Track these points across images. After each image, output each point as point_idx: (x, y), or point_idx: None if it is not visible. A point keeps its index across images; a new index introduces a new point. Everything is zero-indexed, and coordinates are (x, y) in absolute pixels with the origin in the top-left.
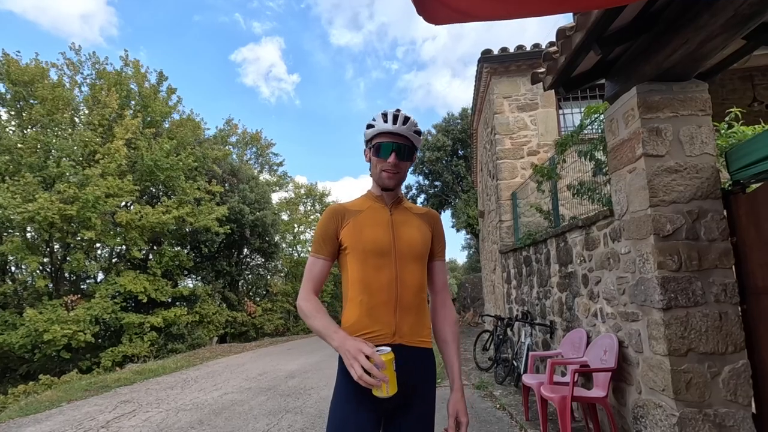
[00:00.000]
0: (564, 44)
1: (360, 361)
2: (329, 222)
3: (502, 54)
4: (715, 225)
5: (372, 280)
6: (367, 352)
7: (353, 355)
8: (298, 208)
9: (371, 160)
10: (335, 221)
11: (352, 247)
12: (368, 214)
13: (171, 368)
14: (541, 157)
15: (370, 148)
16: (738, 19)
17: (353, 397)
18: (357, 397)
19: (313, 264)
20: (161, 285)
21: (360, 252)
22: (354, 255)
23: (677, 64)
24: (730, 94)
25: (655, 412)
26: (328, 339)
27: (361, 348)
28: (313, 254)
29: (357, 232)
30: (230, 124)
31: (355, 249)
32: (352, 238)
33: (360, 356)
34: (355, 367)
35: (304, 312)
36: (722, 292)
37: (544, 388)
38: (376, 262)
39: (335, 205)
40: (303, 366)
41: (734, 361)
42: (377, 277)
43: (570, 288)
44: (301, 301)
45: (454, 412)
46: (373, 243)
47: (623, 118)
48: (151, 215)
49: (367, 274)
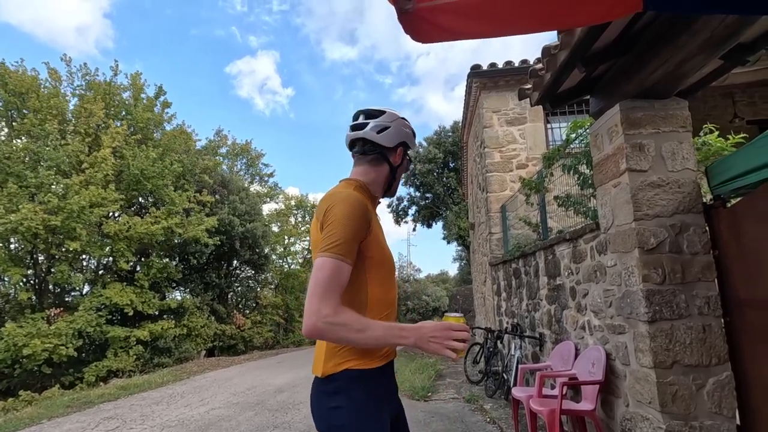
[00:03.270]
0: (549, 62)
1: (454, 336)
2: (363, 220)
3: (491, 69)
4: (698, 238)
5: (391, 300)
6: (456, 326)
7: (445, 338)
8: (288, 220)
9: (403, 169)
10: (367, 221)
11: (377, 260)
12: (377, 222)
13: (157, 383)
14: (530, 171)
15: (405, 155)
16: (714, 41)
17: (380, 418)
18: (382, 416)
19: (339, 270)
20: (148, 297)
21: (385, 269)
22: (376, 270)
23: (658, 82)
24: (712, 110)
25: (643, 425)
26: (398, 340)
27: (448, 326)
28: (340, 257)
29: (379, 242)
30: (220, 134)
31: (380, 264)
32: (376, 249)
33: (452, 333)
34: (453, 346)
35: (350, 326)
36: (705, 304)
37: (533, 401)
38: (391, 280)
39: (362, 198)
40: (292, 380)
41: (718, 373)
42: (393, 297)
43: (558, 300)
44: (336, 317)
45: None
46: (391, 260)
47: (607, 133)
48: (139, 226)
49: (389, 293)
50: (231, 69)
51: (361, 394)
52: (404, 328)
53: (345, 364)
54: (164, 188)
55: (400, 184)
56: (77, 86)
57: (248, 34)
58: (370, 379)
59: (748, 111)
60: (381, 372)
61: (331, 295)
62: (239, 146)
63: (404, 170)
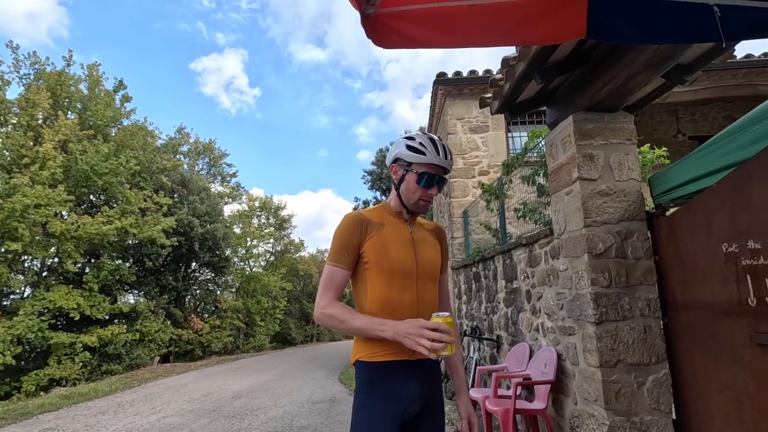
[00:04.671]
0: (508, 72)
1: (426, 335)
2: (353, 232)
3: (455, 78)
4: (641, 244)
5: (396, 300)
6: (430, 325)
7: (417, 335)
8: (251, 221)
9: (408, 183)
10: (359, 231)
11: (376, 263)
12: (390, 230)
13: (104, 391)
14: (491, 177)
15: (411, 171)
16: (656, 60)
17: (380, 405)
18: (381, 405)
19: (333, 273)
20: (98, 301)
21: (386, 271)
22: (378, 272)
23: (607, 97)
24: (659, 125)
25: (589, 422)
26: (378, 333)
27: (422, 324)
28: (333, 263)
29: (382, 248)
30: (182, 132)
31: (380, 267)
32: (376, 254)
33: (425, 332)
34: (424, 343)
35: (335, 317)
36: (647, 306)
37: (488, 402)
38: (401, 282)
39: (357, 213)
40: (251, 385)
41: (657, 371)
42: (401, 297)
43: (515, 303)
44: (327, 308)
45: (466, 414)
46: (400, 264)
47: (562, 143)
48: (89, 226)
49: (392, 294)
50: (196, 65)
51: (367, 383)
52: (384, 323)
53: (357, 356)
54: (118, 186)
55: (426, 204)
56: (24, 75)
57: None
58: (377, 371)
59: (690, 127)
60: (392, 368)
61: (327, 292)
62: (202, 145)
63: (414, 183)
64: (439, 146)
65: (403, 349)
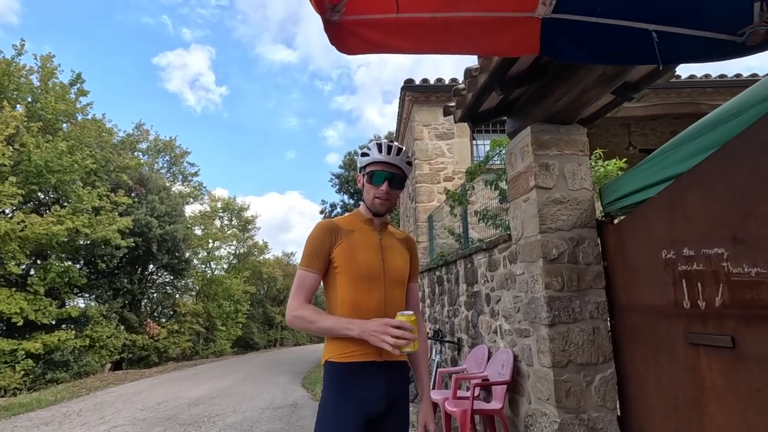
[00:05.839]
0: (471, 83)
1: (390, 332)
2: (324, 238)
3: (422, 84)
4: (591, 251)
5: (363, 302)
6: (394, 323)
7: (382, 332)
8: (214, 222)
9: (364, 186)
10: (330, 238)
11: (345, 268)
12: (360, 237)
13: (48, 401)
14: (456, 183)
15: (364, 174)
16: (606, 77)
17: (345, 404)
18: (347, 405)
19: (304, 277)
20: (44, 305)
21: (354, 275)
22: (346, 276)
23: (562, 110)
24: (612, 138)
25: (542, 420)
26: (346, 331)
27: (385, 322)
28: (305, 268)
29: (350, 253)
30: (141, 128)
31: (348, 271)
32: (345, 258)
33: (389, 329)
34: (388, 340)
35: (306, 318)
36: (596, 309)
37: (448, 403)
38: (367, 285)
39: (327, 221)
40: (210, 392)
41: (604, 370)
42: (368, 300)
43: (475, 306)
44: (297, 310)
45: (423, 421)
46: (366, 268)
47: (520, 153)
48: (37, 225)
49: (359, 296)
50: (160, 60)
51: (334, 383)
52: (351, 322)
53: (326, 356)
54: (71, 184)
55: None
56: None
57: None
58: (345, 372)
59: (641, 140)
60: (359, 369)
61: (297, 296)
62: (162, 142)
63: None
64: (385, 146)
65: (371, 349)
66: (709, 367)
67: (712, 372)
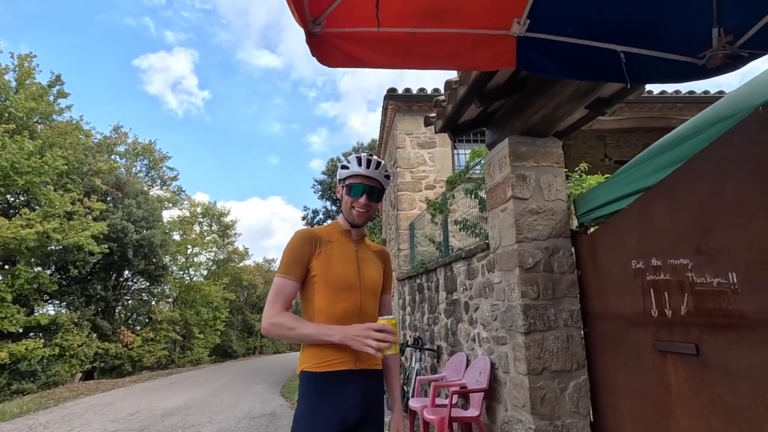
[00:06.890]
0: (450, 95)
1: (372, 335)
2: (303, 246)
3: (405, 94)
4: (566, 260)
5: (339, 311)
6: (376, 326)
7: (364, 336)
8: (193, 228)
9: (343, 198)
10: (310, 246)
11: (322, 278)
12: (337, 248)
13: (13, 413)
14: (437, 192)
15: (343, 186)
16: (579, 93)
17: (320, 414)
18: (323, 413)
19: (282, 285)
20: (10, 312)
21: (331, 286)
22: (323, 286)
23: (538, 123)
24: (589, 150)
25: (518, 427)
26: (327, 338)
27: (368, 327)
28: (283, 275)
29: (328, 264)
30: (119, 131)
31: (325, 281)
32: (322, 269)
33: (371, 333)
34: (371, 343)
35: (284, 325)
36: (570, 317)
37: (426, 411)
38: (345, 295)
39: (307, 230)
40: (185, 401)
41: (577, 377)
42: (345, 309)
43: (454, 314)
44: (275, 318)
45: (395, 430)
46: (344, 279)
47: (498, 164)
48: (5, 229)
49: (335, 306)
50: (141, 62)
51: (310, 393)
52: (332, 328)
53: (302, 366)
54: (41, 187)
55: (359, 214)
56: None
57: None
58: (321, 382)
59: (616, 152)
60: (335, 378)
61: (275, 302)
62: (141, 146)
63: (345, 195)
64: (364, 159)
65: (348, 357)
66: (675, 374)
67: (678, 378)
